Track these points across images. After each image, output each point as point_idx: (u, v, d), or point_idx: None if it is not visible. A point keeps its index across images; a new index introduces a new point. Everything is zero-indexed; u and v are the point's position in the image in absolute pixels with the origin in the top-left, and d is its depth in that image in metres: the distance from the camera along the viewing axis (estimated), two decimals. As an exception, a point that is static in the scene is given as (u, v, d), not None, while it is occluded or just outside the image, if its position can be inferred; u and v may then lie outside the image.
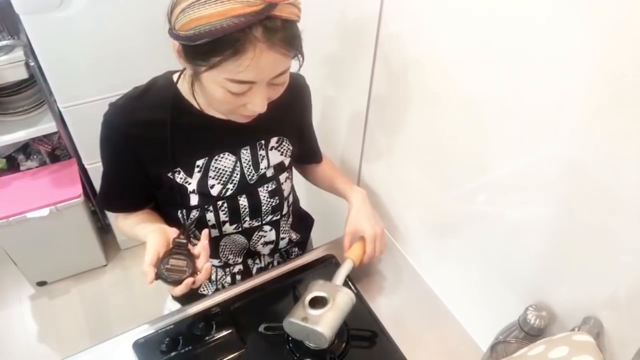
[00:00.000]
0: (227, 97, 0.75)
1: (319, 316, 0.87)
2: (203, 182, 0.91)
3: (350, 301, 0.92)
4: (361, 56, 1.08)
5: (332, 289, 0.92)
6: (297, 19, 0.72)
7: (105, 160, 0.91)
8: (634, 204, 0.61)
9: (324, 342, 0.87)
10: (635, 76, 0.56)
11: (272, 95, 0.79)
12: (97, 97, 1.71)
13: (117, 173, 0.92)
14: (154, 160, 0.88)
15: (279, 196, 1.01)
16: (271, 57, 0.70)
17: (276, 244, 1.10)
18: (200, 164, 0.90)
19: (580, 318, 0.72)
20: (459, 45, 0.80)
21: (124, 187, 0.95)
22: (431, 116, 0.94)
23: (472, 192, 0.90)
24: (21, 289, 2.10)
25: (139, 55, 1.68)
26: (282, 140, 0.98)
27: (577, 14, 0.60)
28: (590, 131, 0.64)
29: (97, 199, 1.02)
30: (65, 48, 1.56)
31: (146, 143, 0.86)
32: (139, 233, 0.90)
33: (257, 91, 0.75)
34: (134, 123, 0.85)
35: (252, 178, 0.96)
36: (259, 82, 0.73)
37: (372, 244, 1.01)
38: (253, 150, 0.95)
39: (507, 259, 0.87)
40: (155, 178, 0.90)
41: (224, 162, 0.92)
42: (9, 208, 1.79)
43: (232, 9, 0.65)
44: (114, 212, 0.99)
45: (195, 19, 0.67)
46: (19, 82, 1.75)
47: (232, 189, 0.94)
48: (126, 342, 0.96)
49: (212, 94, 0.76)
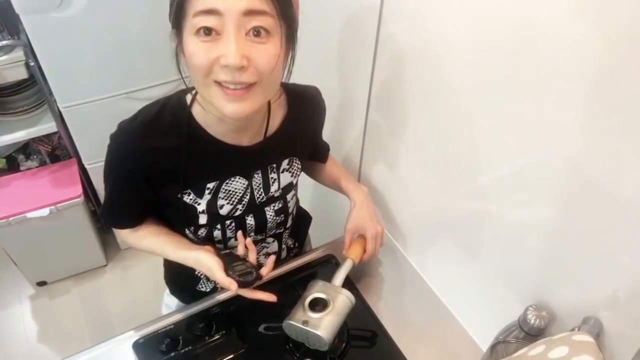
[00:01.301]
0: (200, 48, 0.69)
1: (319, 319, 0.88)
2: (212, 203, 0.90)
3: (350, 304, 0.92)
4: (361, 55, 1.07)
5: (332, 291, 0.92)
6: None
7: (111, 181, 0.89)
8: (633, 204, 0.61)
9: (323, 346, 0.88)
10: (636, 76, 0.56)
11: (253, 54, 0.70)
12: (97, 97, 1.71)
13: (123, 194, 0.90)
14: (164, 183, 0.87)
15: (284, 214, 1.01)
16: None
17: (278, 255, 1.10)
18: (210, 186, 0.89)
19: (580, 318, 0.72)
20: (459, 44, 0.80)
21: (131, 207, 0.92)
22: (431, 116, 0.94)
23: (472, 192, 0.90)
24: (21, 289, 2.10)
25: (139, 56, 1.68)
26: (293, 161, 0.97)
27: (577, 14, 0.60)
28: (591, 131, 0.64)
29: (103, 217, 1.00)
30: (65, 48, 1.56)
31: (159, 168, 0.84)
32: (175, 256, 0.92)
33: (229, 37, 0.68)
34: (148, 150, 0.83)
35: (261, 200, 0.95)
36: (226, 13, 0.67)
37: (372, 242, 1.00)
38: (264, 174, 0.93)
39: (507, 259, 0.87)
40: (165, 198, 0.89)
41: (235, 184, 0.91)
42: (9, 208, 1.79)
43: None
44: (120, 229, 0.96)
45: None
46: (19, 82, 1.75)
47: (241, 209, 0.94)
48: (126, 342, 0.96)
49: (189, 56, 0.71)
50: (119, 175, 0.87)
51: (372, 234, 1.00)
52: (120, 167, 0.86)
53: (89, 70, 1.64)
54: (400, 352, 0.98)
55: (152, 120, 0.83)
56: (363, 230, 1.01)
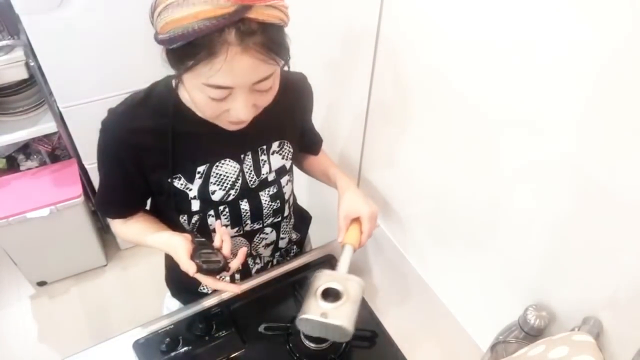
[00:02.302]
0: (208, 102, 0.73)
1: (337, 310, 0.82)
2: (204, 188, 0.91)
3: (362, 290, 0.88)
4: (361, 57, 1.07)
5: (341, 280, 0.88)
6: (281, 23, 0.70)
7: (103, 167, 0.90)
8: (633, 204, 0.61)
9: (345, 336, 0.83)
10: (636, 76, 0.56)
11: (259, 102, 0.76)
12: (97, 97, 1.71)
13: (115, 180, 0.91)
14: (154, 167, 0.87)
15: (280, 199, 1.01)
16: (246, 61, 0.68)
17: (276, 244, 1.10)
18: (201, 170, 0.90)
19: (580, 318, 0.72)
20: (459, 46, 0.80)
21: (123, 194, 0.94)
22: (431, 117, 0.94)
23: (472, 193, 0.90)
24: (21, 289, 2.10)
25: (139, 56, 1.67)
26: (284, 144, 0.97)
27: (578, 14, 0.60)
28: (591, 131, 0.64)
29: (97, 205, 1.02)
30: (65, 48, 1.56)
31: (147, 151, 0.85)
32: (151, 240, 0.91)
33: (238, 97, 0.73)
34: (135, 130, 0.84)
35: (253, 183, 0.96)
36: (238, 87, 0.71)
37: (368, 223, 0.96)
38: (255, 156, 0.94)
39: (508, 259, 0.87)
40: (156, 184, 0.90)
41: (225, 168, 0.91)
42: (9, 208, 1.79)
43: (203, 11, 0.64)
44: (113, 219, 0.98)
45: (169, 22, 0.66)
46: (19, 82, 1.75)
47: (234, 194, 0.94)
48: (126, 342, 0.96)
49: (194, 99, 0.75)
50: (108, 161, 0.89)
51: (368, 214, 0.95)
52: (110, 152, 0.87)
53: (89, 70, 1.65)
54: (400, 352, 0.98)
55: (139, 102, 0.85)
56: (358, 212, 0.96)
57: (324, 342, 0.95)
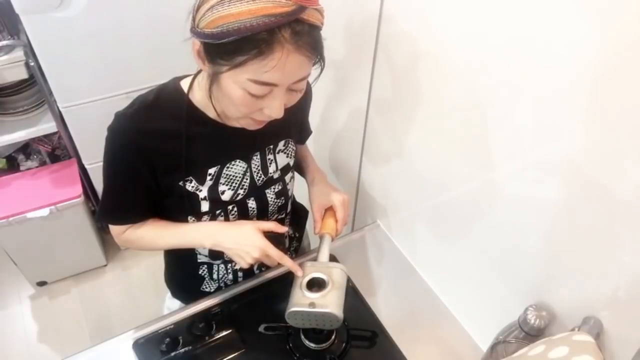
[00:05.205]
0: (246, 99, 0.74)
1: (324, 298, 0.84)
2: (214, 189, 0.91)
3: (345, 275, 0.90)
4: (361, 56, 1.08)
5: (324, 268, 0.89)
6: (321, 26, 0.72)
7: (113, 172, 0.87)
8: (634, 204, 0.61)
9: (336, 323, 0.84)
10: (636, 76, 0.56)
11: (289, 101, 0.78)
12: (97, 97, 1.71)
13: (126, 185, 0.88)
14: (166, 170, 0.86)
15: (284, 196, 1.02)
16: (297, 59, 0.70)
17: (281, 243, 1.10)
18: (212, 172, 0.89)
19: (580, 318, 0.72)
20: (459, 45, 0.80)
21: (133, 199, 0.91)
22: (431, 116, 0.94)
23: (472, 192, 0.90)
24: (21, 289, 2.11)
25: (139, 55, 1.68)
26: (288, 143, 0.98)
27: (578, 14, 0.60)
28: (591, 131, 0.64)
29: (100, 214, 0.94)
30: (65, 48, 1.56)
31: (159, 153, 0.84)
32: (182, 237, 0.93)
33: (277, 95, 0.74)
34: (147, 133, 0.83)
35: (261, 182, 0.96)
36: (281, 85, 0.72)
37: (342, 210, 0.99)
38: (262, 156, 0.95)
39: (507, 259, 0.87)
40: (166, 187, 0.89)
41: (235, 168, 0.92)
42: (9, 208, 1.79)
43: (264, 7, 0.65)
44: (121, 225, 0.95)
45: (223, 16, 0.66)
46: (19, 82, 1.75)
47: (242, 193, 0.94)
48: (126, 342, 0.97)
49: (230, 96, 0.74)
50: (120, 167, 0.86)
51: (340, 201, 0.99)
52: (121, 158, 0.85)
53: (89, 70, 1.64)
54: (400, 352, 0.98)
55: (150, 105, 0.84)
56: (330, 202, 0.99)
57: (324, 342, 0.96)
